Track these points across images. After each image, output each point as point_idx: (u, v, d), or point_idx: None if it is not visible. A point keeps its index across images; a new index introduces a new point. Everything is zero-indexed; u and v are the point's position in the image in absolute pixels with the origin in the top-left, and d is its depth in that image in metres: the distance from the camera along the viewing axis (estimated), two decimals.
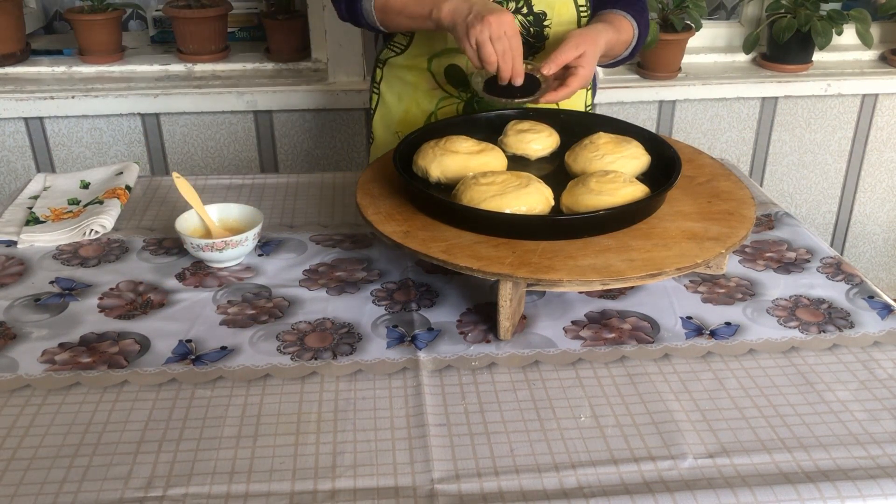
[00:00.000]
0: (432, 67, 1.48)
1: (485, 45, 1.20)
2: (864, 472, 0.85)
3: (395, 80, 1.54)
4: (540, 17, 1.42)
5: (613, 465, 0.86)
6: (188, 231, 1.24)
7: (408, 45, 1.49)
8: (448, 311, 1.13)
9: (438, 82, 1.50)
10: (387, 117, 1.57)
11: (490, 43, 1.20)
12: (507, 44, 1.21)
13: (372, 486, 0.83)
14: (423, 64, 1.49)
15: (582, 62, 1.27)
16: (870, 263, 2.76)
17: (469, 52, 1.23)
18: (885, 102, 2.50)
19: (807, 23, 2.32)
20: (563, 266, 1.01)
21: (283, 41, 2.38)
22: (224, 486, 0.83)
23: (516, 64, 1.23)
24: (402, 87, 1.54)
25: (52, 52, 2.42)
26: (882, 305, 1.14)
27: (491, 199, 1.09)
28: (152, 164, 2.35)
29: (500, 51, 1.21)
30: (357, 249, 1.28)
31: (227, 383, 0.98)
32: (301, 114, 2.32)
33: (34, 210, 1.38)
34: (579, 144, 1.27)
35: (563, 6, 1.42)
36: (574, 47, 1.26)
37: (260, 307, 1.13)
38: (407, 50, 1.49)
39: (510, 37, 1.21)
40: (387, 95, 1.56)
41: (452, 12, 1.24)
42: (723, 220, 1.13)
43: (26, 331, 1.08)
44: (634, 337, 1.07)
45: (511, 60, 1.22)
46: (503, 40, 1.20)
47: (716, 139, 2.51)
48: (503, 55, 1.21)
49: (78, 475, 0.84)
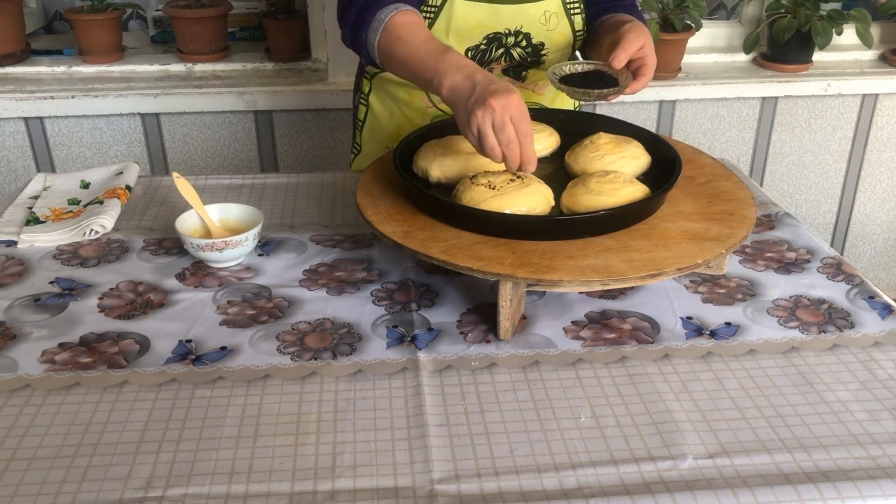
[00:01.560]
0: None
1: (487, 136, 1.08)
2: (864, 473, 0.85)
3: (386, 96, 1.53)
4: (538, 48, 1.42)
5: (613, 465, 0.86)
6: (188, 231, 1.24)
7: None
8: (448, 311, 1.13)
9: (432, 101, 1.49)
10: (377, 131, 1.57)
11: (493, 133, 1.08)
12: (511, 133, 1.08)
13: (372, 486, 0.83)
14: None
15: (645, 52, 1.27)
16: (870, 263, 2.76)
17: (471, 140, 1.12)
18: (885, 102, 2.50)
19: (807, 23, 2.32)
20: (564, 266, 1.01)
21: (283, 41, 2.38)
22: (224, 486, 0.83)
23: (525, 150, 1.10)
24: (394, 104, 1.53)
25: (52, 52, 2.42)
26: (882, 306, 1.14)
27: (491, 200, 1.09)
28: (152, 164, 2.35)
29: (504, 141, 1.08)
30: (357, 249, 1.28)
31: (226, 383, 0.98)
32: (301, 114, 2.32)
33: (34, 210, 1.38)
34: (579, 144, 1.27)
35: (561, 35, 1.42)
36: (636, 39, 1.26)
37: (260, 307, 1.13)
38: None
39: (517, 121, 1.08)
40: (377, 109, 1.55)
41: (452, 91, 1.13)
42: (723, 221, 1.13)
43: (26, 331, 1.08)
44: (634, 337, 1.07)
45: (517, 150, 1.09)
46: (507, 128, 1.08)
47: (716, 139, 2.51)
48: (508, 146, 1.09)
49: (77, 475, 0.84)
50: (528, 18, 1.38)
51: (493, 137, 1.09)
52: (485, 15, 1.36)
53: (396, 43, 1.23)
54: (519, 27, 1.39)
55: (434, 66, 1.16)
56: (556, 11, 1.40)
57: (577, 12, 1.43)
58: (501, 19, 1.37)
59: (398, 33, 1.23)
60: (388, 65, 1.28)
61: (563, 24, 1.42)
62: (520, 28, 1.39)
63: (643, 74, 1.27)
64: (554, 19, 1.40)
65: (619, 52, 1.25)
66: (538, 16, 1.39)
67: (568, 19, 1.42)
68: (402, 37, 1.22)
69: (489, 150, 1.10)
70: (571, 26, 1.43)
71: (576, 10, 1.42)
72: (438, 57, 1.17)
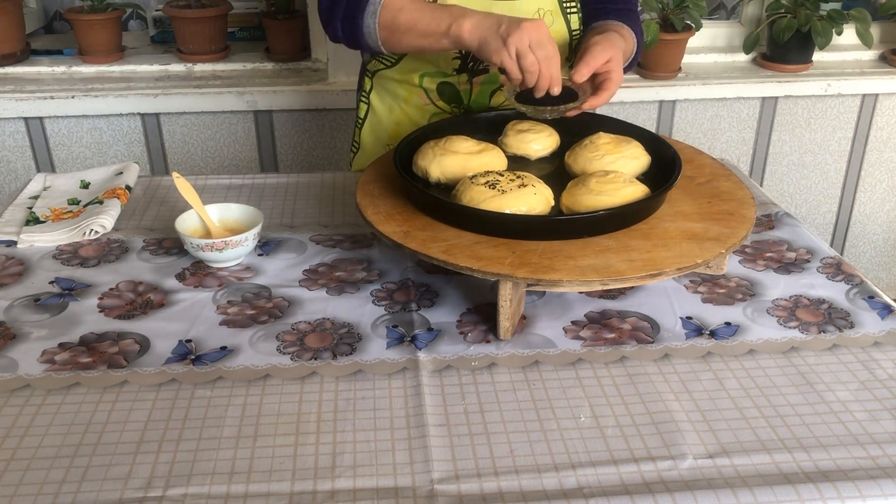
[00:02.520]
0: (424, 84, 1.47)
1: (526, 54, 1.16)
2: (864, 473, 0.85)
3: (386, 93, 1.53)
4: None
5: (613, 465, 0.86)
6: (188, 231, 1.24)
7: (398, 59, 1.46)
8: (448, 311, 1.13)
9: (431, 98, 1.49)
10: (377, 129, 1.57)
11: (531, 51, 1.16)
12: (550, 49, 1.17)
13: (371, 486, 0.83)
14: (415, 79, 1.47)
15: (611, 66, 1.25)
16: (870, 263, 2.76)
17: (508, 63, 1.17)
18: (885, 102, 2.50)
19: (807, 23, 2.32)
20: (563, 266, 1.01)
21: (283, 41, 2.39)
22: (224, 486, 0.83)
23: (546, 69, 1.18)
24: (393, 101, 1.53)
25: (52, 52, 2.42)
26: (882, 306, 1.14)
27: (491, 200, 1.09)
28: (152, 164, 2.35)
29: (542, 58, 1.16)
30: (357, 249, 1.28)
31: (226, 383, 0.98)
32: (301, 114, 2.32)
33: (34, 210, 1.38)
34: (579, 144, 1.27)
35: (556, 34, 1.41)
36: (601, 52, 1.24)
37: (260, 307, 1.13)
38: (398, 64, 1.47)
39: (547, 43, 1.17)
40: (377, 107, 1.55)
41: (477, 27, 1.19)
42: (723, 221, 1.13)
43: (26, 331, 1.08)
44: (634, 337, 1.07)
45: (552, 67, 1.18)
46: (545, 45, 1.16)
47: (716, 139, 2.51)
48: (546, 61, 1.17)
49: (77, 475, 0.84)
50: (522, 15, 1.37)
51: (531, 56, 1.16)
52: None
53: (399, 14, 1.27)
54: None
55: (448, 15, 1.23)
56: (550, 9, 1.39)
57: (574, 11, 1.42)
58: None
59: (398, 5, 1.27)
60: (394, 38, 1.30)
61: (559, 22, 1.41)
62: None
63: (605, 89, 1.25)
64: (549, 17, 1.39)
65: (581, 66, 1.23)
66: (531, 12, 1.38)
67: (564, 18, 1.41)
68: (404, 6, 1.27)
69: (529, 65, 1.17)
70: (567, 25, 1.42)
71: (572, 10, 1.41)
72: (448, 8, 1.24)
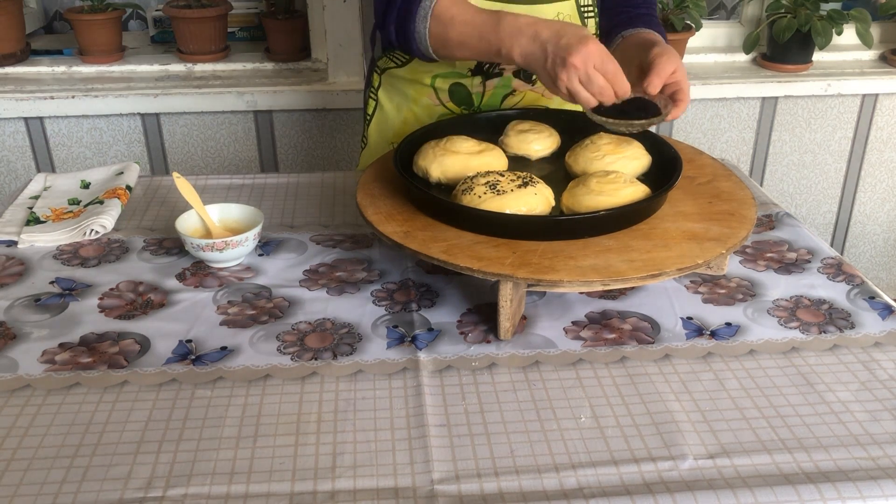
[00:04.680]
0: (435, 84, 1.47)
1: (578, 92, 1.12)
2: (864, 473, 0.85)
3: (395, 92, 1.53)
4: None
5: (613, 465, 0.86)
6: (188, 231, 1.24)
7: (409, 59, 1.46)
8: (448, 311, 1.13)
9: (440, 99, 1.48)
10: (384, 126, 1.57)
11: (583, 88, 1.12)
12: (600, 82, 1.12)
13: (372, 486, 0.83)
14: (426, 80, 1.47)
15: (678, 77, 1.23)
16: (870, 263, 2.77)
17: (564, 98, 1.16)
18: (885, 102, 2.50)
19: (807, 23, 2.32)
20: (564, 266, 1.01)
21: (283, 41, 2.39)
22: (224, 486, 0.83)
23: (620, 87, 1.14)
24: (402, 100, 1.52)
25: (52, 52, 2.42)
26: (883, 306, 1.14)
27: (491, 200, 1.09)
28: (152, 164, 2.35)
29: (596, 91, 1.12)
30: (357, 250, 1.28)
31: (227, 383, 0.98)
32: (301, 114, 2.32)
33: (34, 210, 1.38)
34: (580, 145, 1.26)
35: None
36: (668, 63, 1.21)
37: (260, 307, 1.13)
38: (409, 63, 1.46)
39: (602, 66, 1.11)
40: (385, 104, 1.55)
41: (526, 57, 1.16)
42: (723, 221, 1.13)
43: (26, 331, 1.08)
44: (635, 337, 1.07)
45: (611, 92, 1.13)
46: (595, 79, 1.11)
47: (716, 139, 2.51)
48: (601, 94, 1.13)
49: (78, 475, 0.84)
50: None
51: (585, 92, 1.13)
52: None
53: (449, 27, 1.23)
54: None
55: (495, 39, 1.18)
56: (569, 14, 1.40)
57: (591, 16, 1.42)
58: None
59: (448, 15, 1.23)
60: (445, 50, 1.26)
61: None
62: None
63: (681, 100, 1.22)
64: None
65: (653, 77, 1.20)
66: (551, 16, 1.38)
67: (581, 22, 1.42)
68: (454, 17, 1.22)
69: (585, 101, 1.15)
70: None
71: (589, 14, 1.42)
72: (495, 27, 1.18)
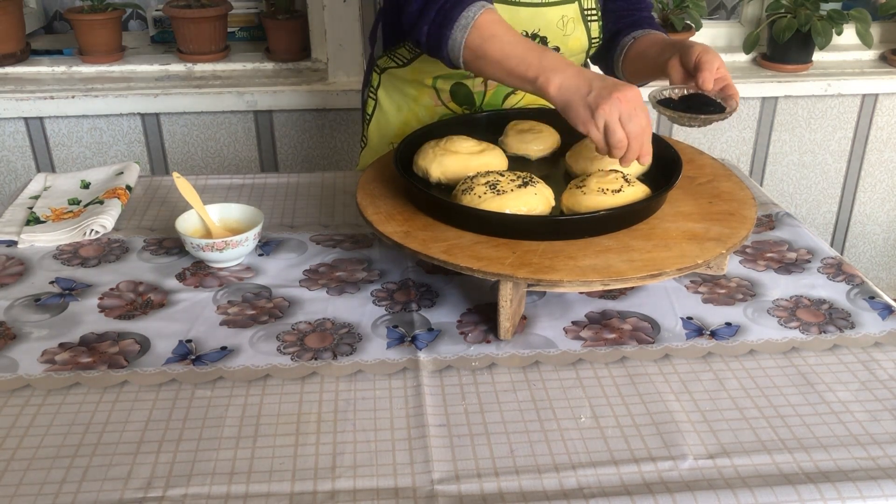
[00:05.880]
0: (437, 84, 1.47)
1: (616, 129, 1.08)
2: (864, 473, 0.85)
3: (395, 91, 1.53)
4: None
5: (613, 465, 0.86)
6: (188, 231, 1.24)
7: (411, 59, 1.46)
8: (448, 311, 1.12)
9: (442, 99, 1.48)
10: (384, 126, 1.56)
11: (621, 126, 1.08)
12: (638, 125, 1.09)
13: (372, 486, 0.83)
14: (427, 80, 1.47)
15: (723, 72, 1.23)
16: (870, 263, 2.76)
17: (594, 135, 1.10)
18: (885, 102, 2.50)
19: (807, 23, 2.32)
20: (564, 266, 1.01)
21: (283, 41, 2.39)
22: (224, 486, 0.83)
23: (647, 145, 1.11)
24: (402, 99, 1.52)
25: (52, 52, 2.42)
26: (883, 306, 1.14)
27: (491, 200, 1.09)
28: (152, 164, 2.35)
29: (633, 133, 1.09)
30: (357, 249, 1.28)
31: (227, 383, 0.98)
32: (301, 114, 2.32)
33: (34, 210, 1.38)
34: (580, 144, 1.26)
35: (576, 41, 1.42)
36: (714, 59, 1.22)
37: (260, 307, 1.13)
38: (410, 64, 1.46)
39: (639, 114, 1.09)
40: (385, 104, 1.55)
41: (564, 88, 1.12)
42: (723, 221, 1.13)
43: (26, 331, 1.08)
44: (635, 337, 1.07)
45: (643, 142, 1.10)
46: (635, 119, 1.08)
47: (716, 139, 2.51)
48: (636, 137, 1.09)
49: (77, 475, 0.84)
50: (546, 22, 1.39)
51: (621, 131, 1.08)
52: (504, 15, 1.36)
53: (490, 41, 1.21)
54: (536, 30, 1.39)
55: (537, 63, 1.15)
56: (573, 17, 1.40)
57: (594, 19, 1.43)
58: (520, 21, 1.37)
59: (490, 31, 1.21)
60: (477, 63, 1.24)
61: (580, 30, 1.42)
62: (537, 31, 1.39)
63: (731, 95, 1.23)
64: (571, 24, 1.40)
65: (706, 74, 1.20)
66: (556, 20, 1.39)
67: (584, 26, 1.43)
68: (497, 34, 1.21)
69: (617, 142, 1.09)
70: (588, 33, 1.43)
71: (593, 17, 1.43)
72: (540, 55, 1.16)
